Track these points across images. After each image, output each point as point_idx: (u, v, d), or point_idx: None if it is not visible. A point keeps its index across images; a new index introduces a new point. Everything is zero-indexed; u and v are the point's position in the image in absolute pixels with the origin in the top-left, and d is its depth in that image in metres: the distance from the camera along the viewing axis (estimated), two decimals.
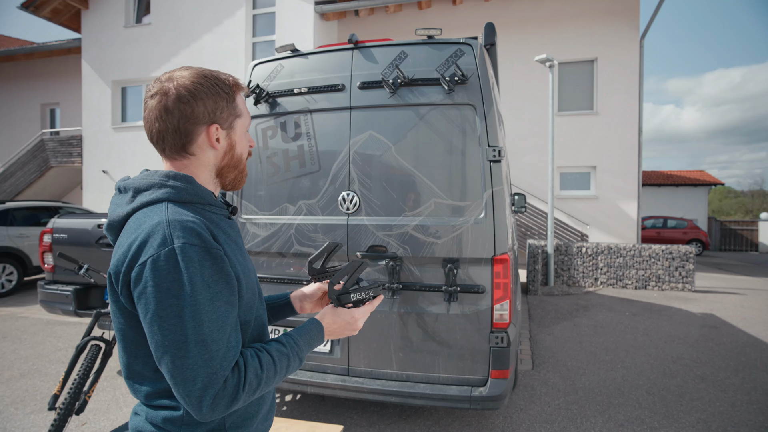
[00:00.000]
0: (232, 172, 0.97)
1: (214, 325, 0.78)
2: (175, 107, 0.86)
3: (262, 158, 2.74)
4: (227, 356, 0.79)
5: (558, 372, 3.90)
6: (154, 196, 0.85)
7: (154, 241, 0.77)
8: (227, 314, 0.82)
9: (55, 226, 4.40)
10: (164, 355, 0.77)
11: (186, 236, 0.78)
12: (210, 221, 0.88)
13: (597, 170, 10.76)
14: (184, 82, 0.86)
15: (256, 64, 2.80)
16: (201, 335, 0.77)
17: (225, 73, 0.95)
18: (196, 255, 0.78)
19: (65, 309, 4.17)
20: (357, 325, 1.03)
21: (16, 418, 3.05)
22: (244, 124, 0.97)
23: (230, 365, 0.79)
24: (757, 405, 3.30)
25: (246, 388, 0.81)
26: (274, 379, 0.88)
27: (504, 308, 2.35)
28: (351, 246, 2.52)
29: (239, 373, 0.81)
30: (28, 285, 7.93)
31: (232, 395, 0.79)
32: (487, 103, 2.36)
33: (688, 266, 7.61)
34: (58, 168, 12.37)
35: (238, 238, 0.98)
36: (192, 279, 0.76)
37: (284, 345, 0.91)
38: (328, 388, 2.56)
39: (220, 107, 0.90)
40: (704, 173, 23.34)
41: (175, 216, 0.80)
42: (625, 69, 10.47)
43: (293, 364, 0.92)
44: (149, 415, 0.86)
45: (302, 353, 0.94)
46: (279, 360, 0.88)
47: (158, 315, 0.76)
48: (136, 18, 11.55)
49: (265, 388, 0.86)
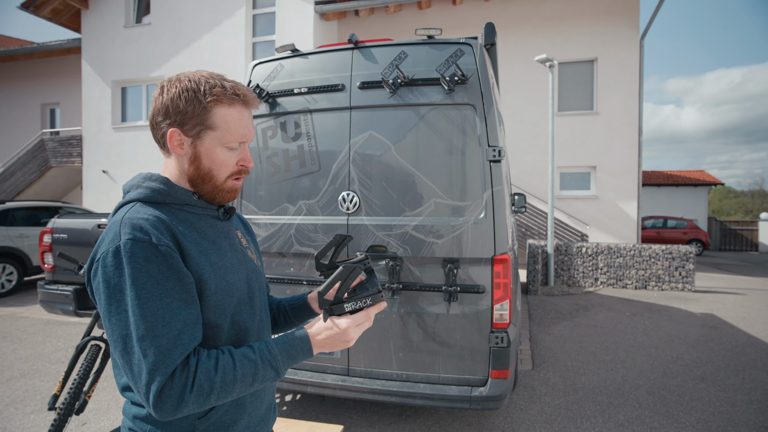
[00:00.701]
0: (204, 185, 0.92)
1: (159, 320, 0.77)
2: (154, 101, 0.90)
3: (262, 158, 2.74)
4: (172, 353, 0.76)
5: (558, 372, 3.90)
6: (130, 196, 0.89)
7: (107, 239, 0.81)
8: (177, 310, 0.79)
9: (55, 226, 4.40)
10: (115, 350, 0.79)
11: (133, 233, 0.79)
12: (183, 220, 0.89)
13: (597, 170, 10.75)
14: (173, 82, 0.89)
15: (256, 64, 2.79)
16: (144, 330, 0.76)
17: (228, 83, 0.90)
18: (140, 251, 0.78)
19: (65, 309, 4.18)
20: (348, 337, 0.88)
21: (16, 418, 3.05)
22: (220, 138, 0.89)
23: (175, 362, 0.77)
24: (757, 405, 3.30)
25: (194, 390, 0.77)
26: (234, 387, 0.80)
27: (504, 308, 2.35)
28: (351, 246, 2.52)
29: (188, 371, 0.77)
30: (28, 285, 7.93)
31: (178, 395, 0.76)
32: (487, 103, 2.36)
33: (688, 266, 7.61)
34: (58, 168, 12.37)
35: (221, 239, 0.94)
36: (135, 275, 0.77)
37: (253, 350, 0.84)
38: (328, 388, 2.56)
39: (184, 112, 0.87)
40: (704, 173, 23.34)
41: (131, 215, 0.83)
42: (625, 69, 10.47)
43: (263, 374, 0.83)
44: (125, 409, 0.90)
45: (277, 363, 0.85)
46: (241, 365, 0.81)
47: (108, 310, 0.79)
48: (136, 18, 11.54)
49: (223, 394, 0.80)
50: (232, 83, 0.90)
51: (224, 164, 0.91)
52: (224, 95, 0.88)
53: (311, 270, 2.64)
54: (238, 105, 0.90)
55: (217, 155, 0.90)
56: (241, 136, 0.91)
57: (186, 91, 0.87)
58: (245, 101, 0.91)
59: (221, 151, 0.90)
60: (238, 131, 0.90)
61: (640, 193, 10.53)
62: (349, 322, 0.88)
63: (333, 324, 0.88)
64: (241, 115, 0.91)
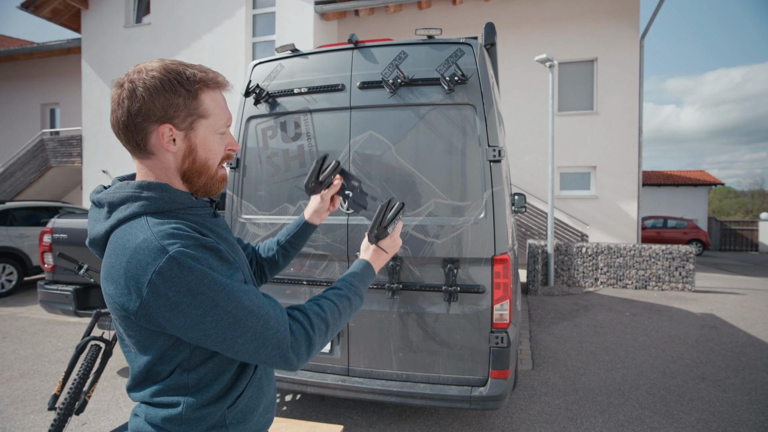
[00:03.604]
0: (200, 178, 0.89)
1: (249, 296, 0.81)
2: (125, 101, 0.81)
3: (262, 158, 2.73)
4: (278, 314, 0.84)
5: (558, 372, 3.90)
6: (131, 210, 0.80)
7: (149, 258, 0.74)
8: (250, 287, 0.83)
9: (55, 226, 4.40)
10: (225, 343, 0.79)
11: (178, 240, 0.76)
12: (195, 223, 0.86)
13: (597, 170, 10.75)
14: (143, 76, 0.81)
15: (256, 64, 2.79)
16: (245, 308, 0.79)
17: (198, 67, 0.86)
18: (195, 252, 0.77)
19: (65, 309, 4.17)
20: (399, 242, 1.24)
21: (16, 418, 3.05)
22: (212, 125, 0.87)
23: (285, 319, 0.85)
24: (757, 405, 3.30)
25: (316, 331, 0.88)
26: (341, 319, 0.97)
27: (504, 308, 2.35)
28: (351, 246, 2.52)
29: (304, 318, 0.88)
30: (28, 285, 7.93)
31: (306, 342, 0.86)
32: (487, 103, 2.36)
33: (688, 266, 7.61)
34: (58, 168, 12.38)
35: (228, 235, 0.96)
36: (203, 272, 0.76)
37: (340, 288, 1.02)
38: (328, 388, 2.56)
39: (174, 105, 0.81)
40: (704, 173, 23.34)
41: (158, 228, 0.77)
42: (625, 69, 10.47)
43: (355, 303, 1.02)
44: (149, 415, 0.85)
45: (360, 291, 1.06)
46: (339, 301, 0.98)
47: (198, 315, 0.75)
48: (136, 18, 11.55)
49: (335, 328, 0.94)
50: (201, 67, 0.87)
51: (217, 152, 0.90)
52: (208, 80, 0.85)
53: (311, 270, 2.64)
54: (218, 89, 0.89)
55: (211, 144, 0.88)
56: (227, 119, 0.90)
57: (169, 82, 0.81)
58: (222, 84, 0.89)
59: (214, 139, 0.89)
60: (225, 114, 0.90)
61: (640, 193, 10.53)
62: (395, 233, 1.24)
63: (380, 247, 1.20)
64: (223, 98, 0.91)
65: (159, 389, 0.84)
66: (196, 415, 0.84)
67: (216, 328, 0.77)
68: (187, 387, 0.84)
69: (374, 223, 1.21)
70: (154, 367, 0.84)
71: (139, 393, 0.87)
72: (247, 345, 0.79)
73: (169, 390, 0.84)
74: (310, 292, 2.63)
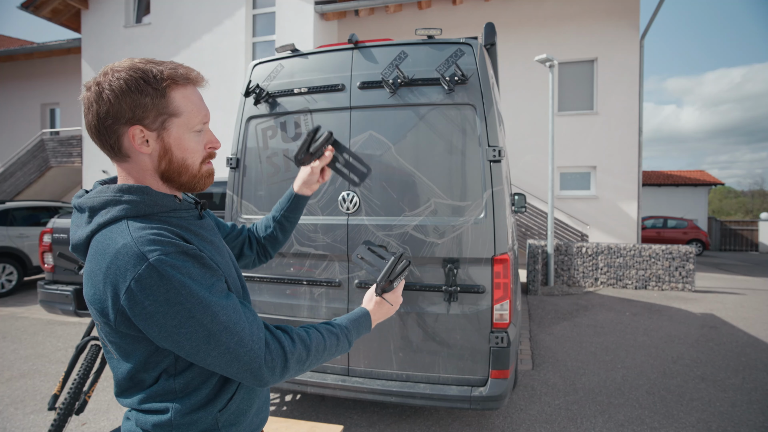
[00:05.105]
0: (180, 177, 0.87)
1: (227, 310, 0.79)
2: (94, 104, 0.79)
3: (262, 158, 2.74)
4: (254, 331, 0.82)
5: (558, 372, 3.90)
6: (111, 215, 0.79)
7: (129, 264, 0.73)
8: (231, 299, 0.82)
9: (55, 226, 4.40)
10: (197, 356, 0.78)
11: (159, 247, 0.75)
12: (178, 227, 0.84)
13: (597, 170, 10.76)
14: (109, 78, 0.78)
15: (256, 64, 2.79)
16: (221, 324, 0.78)
17: (168, 64, 0.83)
18: (175, 260, 0.75)
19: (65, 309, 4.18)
20: (400, 300, 1.19)
21: (16, 418, 3.05)
22: (186, 123, 0.84)
23: (261, 336, 0.83)
24: (758, 405, 3.30)
25: (295, 354, 0.86)
26: (324, 354, 0.94)
27: (504, 308, 2.35)
28: (351, 246, 2.52)
29: (286, 338, 0.87)
30: (28, 285, 7.93)
31: (281, 361, 0.84)
32: (487, 103, 2.36)
33: (688, 266, 7.61)
34: (58, 168, 12.37)
35: (213, 237, 0.94)
36: (182, 282, 0.75)
37: (333, 326, 0.99)
38: (328, 388, 2.56)
39: (142, 105, 0.79)
40: (704, 173, 23.34)
41: (138, 233, 0.76)
42: (625, 69, 10.47)
43: (342, 346, 0.99)
44: (139, 421, 0.85)
45: (351, 337, 1.02)
46: (328, 337, 0.95)
47: (173, 326, 0.75)
48: (136, 18, 11.55)
49: (315, 360, 0.92)
50: (172, 63, 0.84)
51: (195, 150, 0.87)
52: (177, 76, 0.82)
53: (311, 270, 2.64)
54: (190, 85, 0.85)
55: (187, 142, 0.85)
56: (203, 116, 0.87)
57: (135, 82, 0.78)
58: (195, 80, 0.86)
59: (190, 137, 0.86)
60: (201, 111, 0.86)
61: (640, 193, 10.53)
62: (394, 296, 1.17)
63: (384, 300, 1.16)
64: (197, 95, 0.87)
65: (146, 396, 0.84)
66: (186, 420, 0.84)
67: (189, 341, 0.76)
68: (175, 392, 0.84)
69: (384, 274, 1.18)
70: (138, 374, 0.83)
71: (127, 399, 0.87)
72: (219, 359, 0.79)
73: (156, 396, 0.84)
74: (310, 292, 2.63)
